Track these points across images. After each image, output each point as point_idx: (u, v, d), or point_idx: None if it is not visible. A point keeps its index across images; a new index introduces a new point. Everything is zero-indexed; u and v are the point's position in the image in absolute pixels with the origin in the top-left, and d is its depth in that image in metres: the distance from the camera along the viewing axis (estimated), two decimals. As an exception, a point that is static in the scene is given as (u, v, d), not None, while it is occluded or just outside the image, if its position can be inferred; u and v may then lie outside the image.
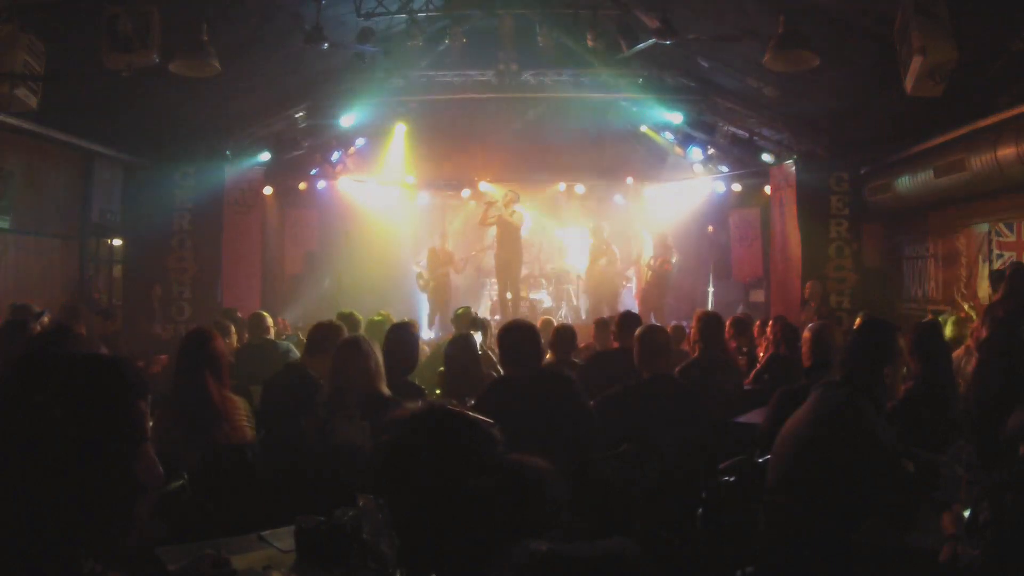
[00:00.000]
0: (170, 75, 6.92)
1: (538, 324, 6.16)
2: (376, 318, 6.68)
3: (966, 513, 2.64)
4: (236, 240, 11.29)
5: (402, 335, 4.82)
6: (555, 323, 7.80)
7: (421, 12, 8.90)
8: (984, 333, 4.96)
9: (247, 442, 3.54)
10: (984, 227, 8.20)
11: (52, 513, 1.27)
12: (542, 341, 4.34)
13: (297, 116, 10.95)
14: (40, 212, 8.94)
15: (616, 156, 13.19)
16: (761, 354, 7.07)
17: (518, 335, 3.95)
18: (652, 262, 12.68)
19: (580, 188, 14.28)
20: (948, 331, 7.14)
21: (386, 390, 3.71)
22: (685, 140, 11.91)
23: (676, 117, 11.32)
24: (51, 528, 1.27)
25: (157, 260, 10.60)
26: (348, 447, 3.34)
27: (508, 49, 9.88)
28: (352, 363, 3.68)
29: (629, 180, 14.09)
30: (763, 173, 11.60)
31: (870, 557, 2.54)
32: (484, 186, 13.99)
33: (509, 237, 12.69)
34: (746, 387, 5.64)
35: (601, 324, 7.32)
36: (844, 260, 10.23)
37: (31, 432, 1.30)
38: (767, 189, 11.72)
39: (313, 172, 12.99)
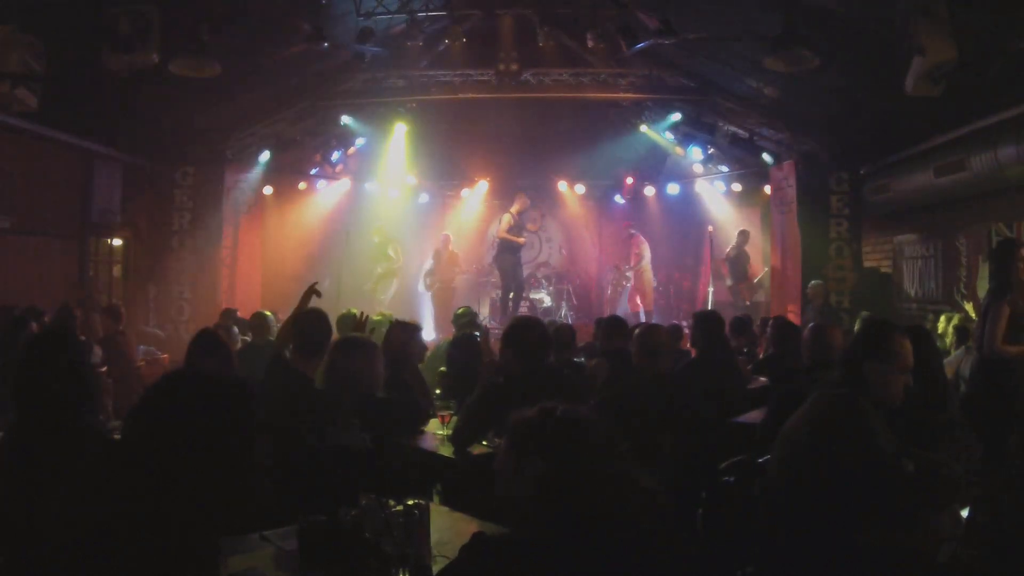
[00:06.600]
0: (170, 75, 6.92)
1: None
2: (376, 318, 6.66)
3: (965, 513, 2.65)
4: (236, 240, 11.30)
5: (403, 333, 4.82)
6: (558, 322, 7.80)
7: (421, 12, 8.90)
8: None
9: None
10: (984, 227, 8.20)
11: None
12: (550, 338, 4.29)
13: (297, 116, 10.95)
14: (40, 212, 8.94)
15: (616, 156, 13.20)
16: (761, 354, 7.09)
17: (527, 331, 3.90)
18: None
19: (580, 188, 14.30)
20: (941, 329, 7.18)
21: (380, 392, 3.68)
22: (685, 140, 11.92)
23: (676, 117, 11.35)
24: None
25: (157, 260, 10.62)
26: (343, 450, 3.34)
27: (508, 49, 9.88)
28: (349, 364, 3.63)
29: (629, 180, 14.11)
30: (763, 173, 11.60)
31: (870, 557, 2.54)
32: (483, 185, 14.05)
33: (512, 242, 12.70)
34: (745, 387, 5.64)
35: (600, 323, 7.32)
36: (844, 260, 10.23)
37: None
38: (767, 189, 11.72)
39: (313, 172, 13.00)
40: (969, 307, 8.19)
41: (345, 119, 11.27)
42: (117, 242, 10.62)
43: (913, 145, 8.66)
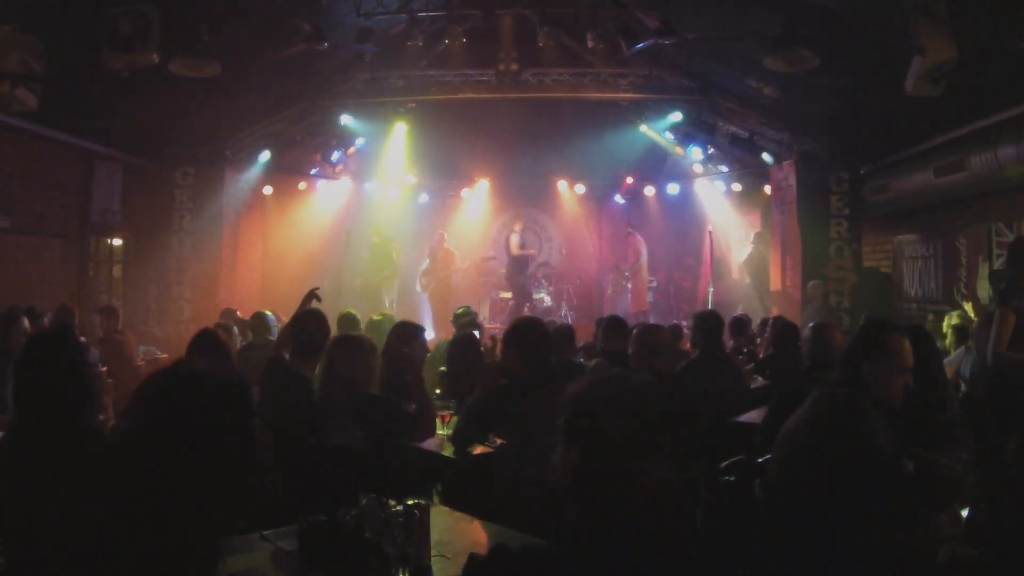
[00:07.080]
0: (170, 75, 6.93)
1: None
2: (376, 318, 6.66)
3: (965, 513, 2.65)
4: (236, 240, 11.30)
5: (404, 335, 4.81)
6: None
7: (421, 12, 8.90)
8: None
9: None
10: (984, 227, 8.20)
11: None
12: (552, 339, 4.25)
13: (297, 116, 10.95)
14: (40, 212, 8.94)
15: (616, 156, 13.20)
16: (761, 354, 7.09)
17: (530, 330, 3.84)
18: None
19: (580, 188, 14.30)
20: (944, 328, 7.17)
21: (375, 390, 3.67)
22: (685, 140, 11.92)
23: (676, 117, 11.36)
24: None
25: (157, 260, 10.62)
26: (343, 450, 3.33)
27: (508, 49, 9.88)
28: (345, 363, 3.63)
29: (629, 180, 14.11)
30: (763, 173, 11.60)
31: (870, 557, 2.55)
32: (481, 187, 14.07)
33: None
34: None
35: (600, 323, 7.31)
36: (844, 260, 10.23)
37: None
38: (767, 189, 11.72)
39: (313, 172, 13.01)
40: (968, 307, 8.20)
41: (345, 119, 11.27)
42: (117, 242, 10.62)
43: (913, 145, 8.66)
